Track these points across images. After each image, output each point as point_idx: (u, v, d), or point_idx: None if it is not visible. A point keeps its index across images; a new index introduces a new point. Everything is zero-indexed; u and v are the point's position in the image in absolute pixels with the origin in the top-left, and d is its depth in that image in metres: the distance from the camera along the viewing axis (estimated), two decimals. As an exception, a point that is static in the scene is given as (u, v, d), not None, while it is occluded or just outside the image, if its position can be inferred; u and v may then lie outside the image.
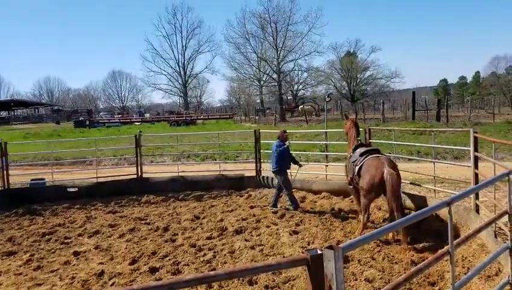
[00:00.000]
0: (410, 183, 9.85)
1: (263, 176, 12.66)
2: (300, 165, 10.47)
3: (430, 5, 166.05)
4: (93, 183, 12.50)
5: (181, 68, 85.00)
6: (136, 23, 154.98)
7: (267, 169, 13.04)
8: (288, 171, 10.20)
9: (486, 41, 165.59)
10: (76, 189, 12.08)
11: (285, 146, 10.11)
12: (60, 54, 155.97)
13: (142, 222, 9.62)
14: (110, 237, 8.63)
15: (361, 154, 8.10)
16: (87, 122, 53.12)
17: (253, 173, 12.78)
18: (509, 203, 3.53)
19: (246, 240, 7.82)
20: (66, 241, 8.47)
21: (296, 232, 8.12)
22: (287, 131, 10.79)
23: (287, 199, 10.04)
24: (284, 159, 10.04)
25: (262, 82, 64.11)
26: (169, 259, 7.07)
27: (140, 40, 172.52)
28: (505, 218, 3.61)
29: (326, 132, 13.74)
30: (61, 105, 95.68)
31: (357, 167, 7.98)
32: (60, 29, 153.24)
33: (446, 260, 2.71)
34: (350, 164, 8.45)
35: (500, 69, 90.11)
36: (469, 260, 6.13)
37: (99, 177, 12.73)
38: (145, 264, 6.84)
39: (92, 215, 10.44)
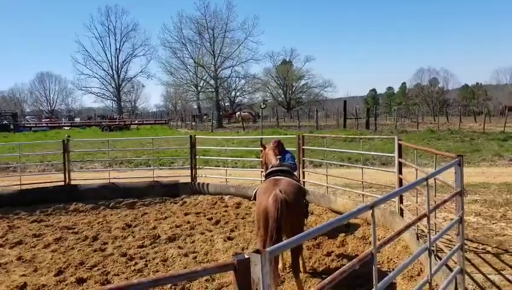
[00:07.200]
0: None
1: (199, 183, 12.54)
2: None
3: (358, 18, 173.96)
4: (17, 191, 11.77)
5: (114, 71, 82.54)
6: (66, 23, 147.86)
7: (203, 175, 12.97)
8: None
9: (412, 53, 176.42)
10: (-3, 197, 11.32)
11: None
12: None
13: (70, 231, 9.16)
14: (34, 247, 8.13)
15: (265, 176, 6.26)
16: (12, 126, 50.05)
17: (189, 180, 12.63)
18: (427, 206, 3.76)
19: (179, 248, 7.69)
20: (-16, 253, 7.87)
21: (230, 239, 8.10)
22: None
23: None
24: None
25: (199, 88, 63.73)
26: (98, 269, 6.78)
27: (70, 41, 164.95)
28: (426, 220, 3.84)
29: (261, 139, 13.90)
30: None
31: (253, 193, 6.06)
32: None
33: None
34: None
35: (424, 81, 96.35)
36: (394, 262, 6.47)
37: (23, 184, 12.00)
38: (71, 275, 6.51)
39: (14, 224, 9.79)
